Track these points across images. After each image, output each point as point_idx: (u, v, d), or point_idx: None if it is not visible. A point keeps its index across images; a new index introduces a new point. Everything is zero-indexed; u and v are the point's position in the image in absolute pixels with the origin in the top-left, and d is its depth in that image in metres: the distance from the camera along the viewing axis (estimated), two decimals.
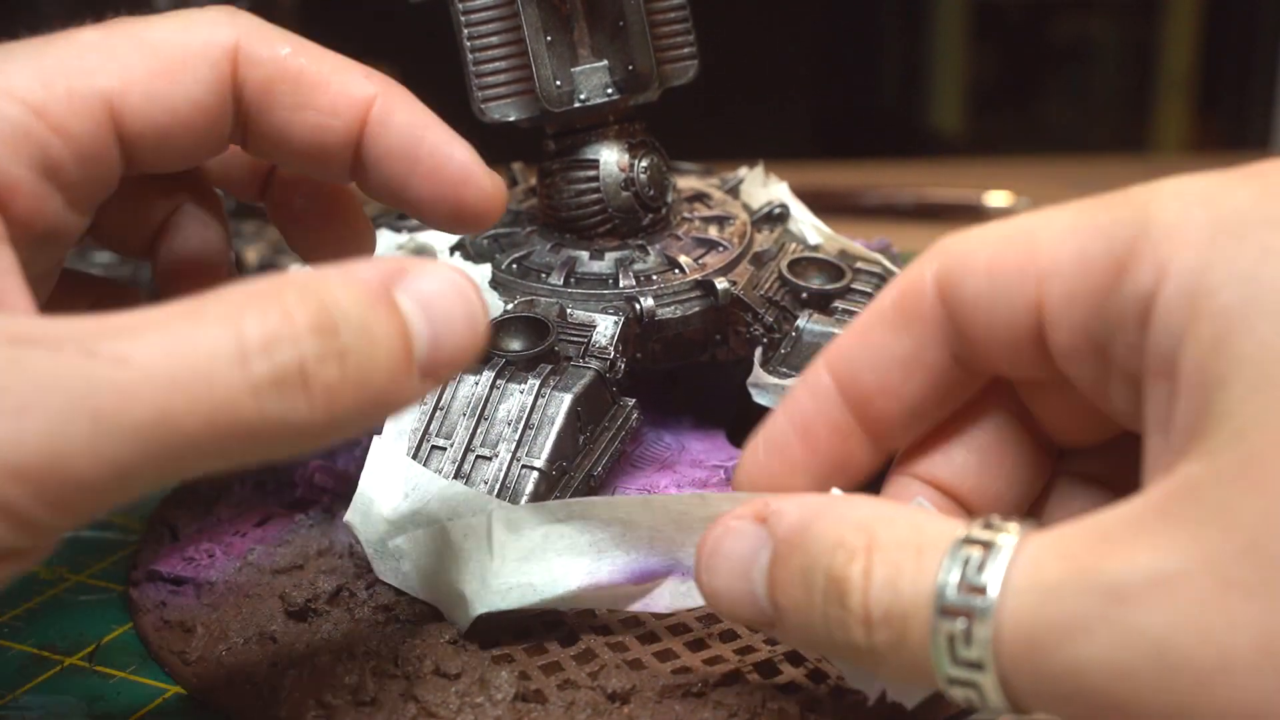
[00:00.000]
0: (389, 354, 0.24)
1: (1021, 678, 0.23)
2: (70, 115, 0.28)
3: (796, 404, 0.30)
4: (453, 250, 0.41)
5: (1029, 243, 0.26)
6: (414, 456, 0.35)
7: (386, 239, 0.42)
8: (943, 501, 0.30)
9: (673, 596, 0.32)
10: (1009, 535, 0.23)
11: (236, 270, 0.36)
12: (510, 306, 0.38)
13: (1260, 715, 0.20)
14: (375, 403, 0.24)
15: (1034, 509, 0.31)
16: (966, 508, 0.30)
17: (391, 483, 0.34)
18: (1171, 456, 0.23)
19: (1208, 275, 0.23)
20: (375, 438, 0.36)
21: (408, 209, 0.33)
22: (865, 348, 0.29)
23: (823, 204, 0.55)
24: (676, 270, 0.40)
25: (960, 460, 0.30)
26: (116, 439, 0.21)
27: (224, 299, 0.23)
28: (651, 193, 0.41)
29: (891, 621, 0.24)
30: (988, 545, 0.23)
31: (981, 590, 0.23)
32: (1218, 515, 0.21)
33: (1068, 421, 0.29)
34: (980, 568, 0.23)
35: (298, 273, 0.25)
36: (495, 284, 0.39)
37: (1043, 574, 0.22)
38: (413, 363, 0.25)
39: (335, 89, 0.31)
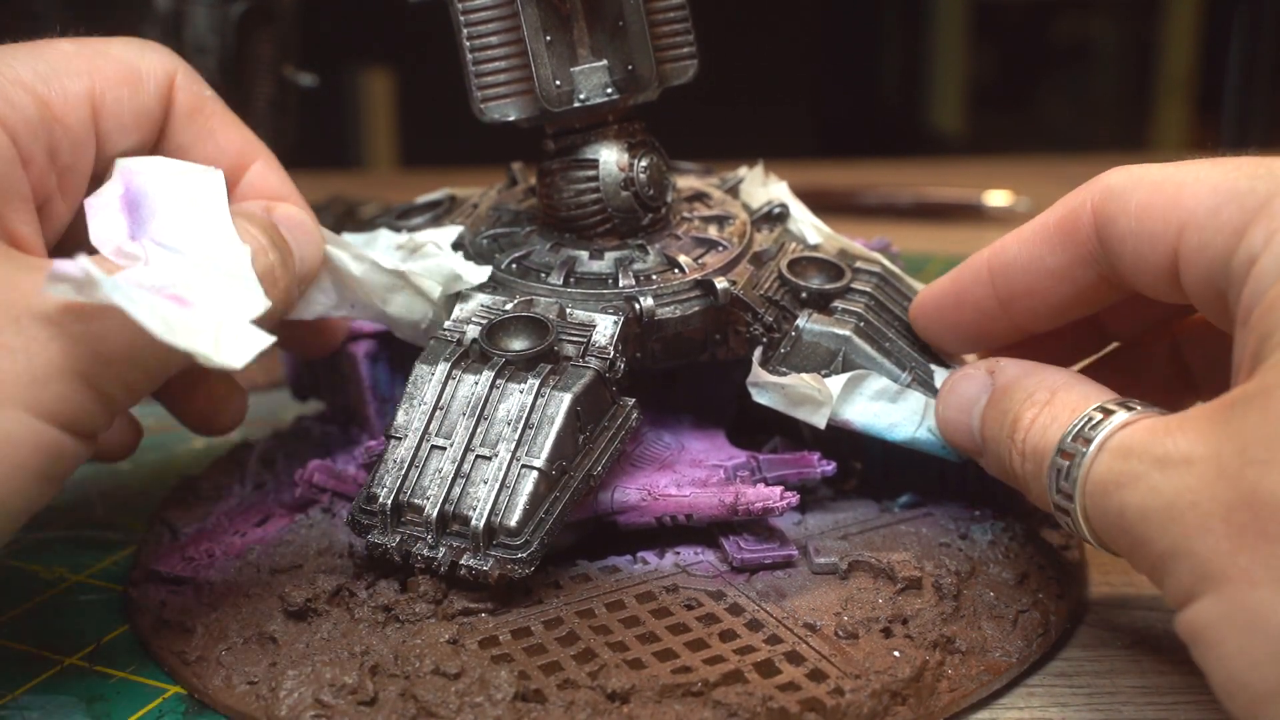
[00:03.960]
0: (291, 257, 0.36)
1: (1094, 512, 0.30)
2: (66, 109, 0.34)
3: (960, 277, 0.37)
4: (454, 249, 0.41)
5: (1175, 193, 0.31)
6: (414, 456, 0.35)
7: (386, 239, 0.42)
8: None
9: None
10: (1129, 412, 0.30)
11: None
12: (510, 306, 0.38)
13: (1205, 553, 0.26)
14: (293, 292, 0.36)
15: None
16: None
17: None
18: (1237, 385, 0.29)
19: None
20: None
21: None
22: (1023, 254, 0.35)
23: (823, 204, 0.55)
24: (676, 270, 0.40)
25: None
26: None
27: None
28: (651, 192, 0.40)
29: (1035, 455, 0.32)
30: (1108, 413, 0.30)
31: (1087, 442, 0.30)
32: (1234, 422, 0.27)
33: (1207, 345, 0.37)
34: (1094, 427, 0.30)
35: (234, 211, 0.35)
36: (495, 283, 0.39)
37: (1126, 440, 0.29)
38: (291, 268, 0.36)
39: (235, 134, 0.38)
